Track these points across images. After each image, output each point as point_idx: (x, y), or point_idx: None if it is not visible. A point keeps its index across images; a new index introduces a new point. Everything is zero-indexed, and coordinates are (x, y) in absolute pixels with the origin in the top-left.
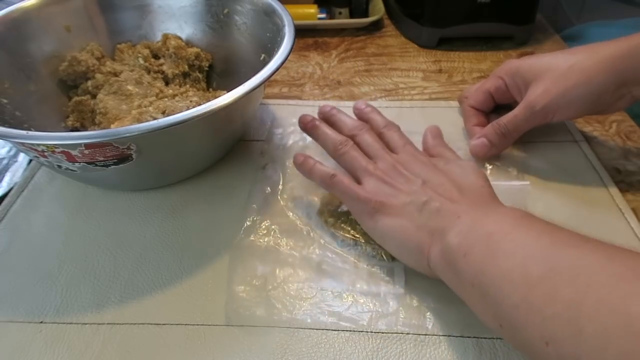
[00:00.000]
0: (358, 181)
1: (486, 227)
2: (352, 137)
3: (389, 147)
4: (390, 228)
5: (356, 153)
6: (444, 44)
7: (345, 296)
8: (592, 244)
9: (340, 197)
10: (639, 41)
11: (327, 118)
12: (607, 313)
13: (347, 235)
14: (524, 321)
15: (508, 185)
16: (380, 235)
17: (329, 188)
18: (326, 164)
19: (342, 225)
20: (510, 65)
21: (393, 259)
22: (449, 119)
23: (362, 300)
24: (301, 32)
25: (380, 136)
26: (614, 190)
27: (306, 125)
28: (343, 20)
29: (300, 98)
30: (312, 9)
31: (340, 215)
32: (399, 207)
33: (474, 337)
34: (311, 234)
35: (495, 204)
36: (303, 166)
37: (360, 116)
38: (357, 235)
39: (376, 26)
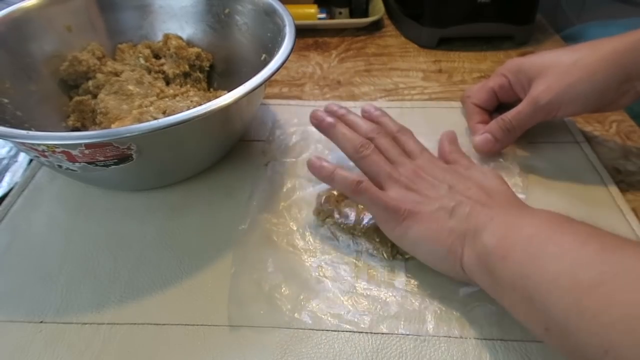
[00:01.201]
0: (380, 187)
1: (525, 229)
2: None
3: (405, 152)
4: (420, 235)
5: (378, 157)
6: (444, 44)
7: (346, 298)
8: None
9: (366, 204)
10: None
11: (339, 118)
12: None
13: (346, 235)
14: (577, 328)
15: None
16: (410, 243)
17: (353, 195)
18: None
19: (342, 226)
20: (514, 62)
21: (393, 257)
22: (451, 119)
23: (363, 302)
24: (301, 32)
25: (394, 141)
26: (615, 191)
27: (321, 123)
28: (343, 20)
29: (300, 98)
30: (312, 9)
31: (337, 216)
32: (428, 214)
33: (474, 339)
34: (312, 234)
35: (525, 206)
36: (321, 172)
37: (371, 119)
38: (357, 234)
39: (376, 26)
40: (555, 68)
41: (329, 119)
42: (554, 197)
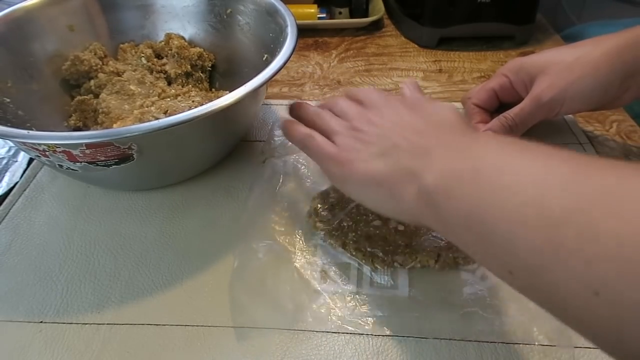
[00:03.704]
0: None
1: (468, 162)
2: (330, 110)
3: (369, 106)
4: (360, 181)
5: (327, 116)
6: (444, 43)
7: (349, 299)
8: (622, 166)
9: (313, 157)
10: None
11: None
12: None
13: (337, 242)
14: (551, 269)
15: None
16: (353, 190)
17: (304, 149)
18: None
19: (333, 232)
20: (514, 62)
21: (388, 265)
22: None
23: (365, 304)
24: (301, 32)
25: (360, 103)
26: None
27: (292, 109)
28: (343, 20)
29: (300, 98)
30: (312, 9)
31: (330, 221)
32: (366, 157)
33: (475, 341)
34: (313, 235)
35: (471, 134)
36: (284, 129)
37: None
38: (348, 241)
39: (376, 26)
40: (557, 65)
41: (298, 102)
42: None
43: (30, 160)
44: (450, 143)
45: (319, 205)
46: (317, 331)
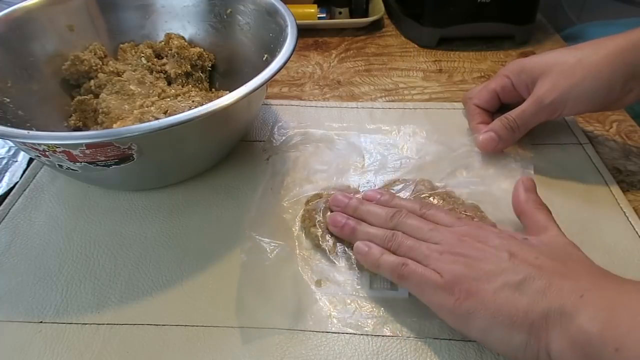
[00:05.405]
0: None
1: (631, 310)
2: (393, 228)
3: (445, 224)
4: (488, 321)
5: (411, 241)
6: (444, 43)
7: (349, 301)
8: None
9: (416, 291)
10: None
11: (352, 213)
12: None
13: (338, 245)
14: None
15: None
16: (477, 331)
17: (400, 281)
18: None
19: (327, 236)
20: (516, 63)
21: None
22: (452, 120)
23: (365, 306)
24: (301, 32)
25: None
26: (617, 191)
27: (342, 230)
28: (343, 20)
29: (300, 98)
30: (312, 9)
31: (326, 224)
32: (491, 293)
33: (475, 341)
34: (313, 237)
35: (614, 276)
36: (368, 257)
37: (383, 204)
38: (347, 244)
39: (376, 26)
40: (559, 67)
41: (349, 223)
42: (556, 197)
43: (30, 160)
44: (602, 286)
45: (312, 209)
46: (316, 331)
